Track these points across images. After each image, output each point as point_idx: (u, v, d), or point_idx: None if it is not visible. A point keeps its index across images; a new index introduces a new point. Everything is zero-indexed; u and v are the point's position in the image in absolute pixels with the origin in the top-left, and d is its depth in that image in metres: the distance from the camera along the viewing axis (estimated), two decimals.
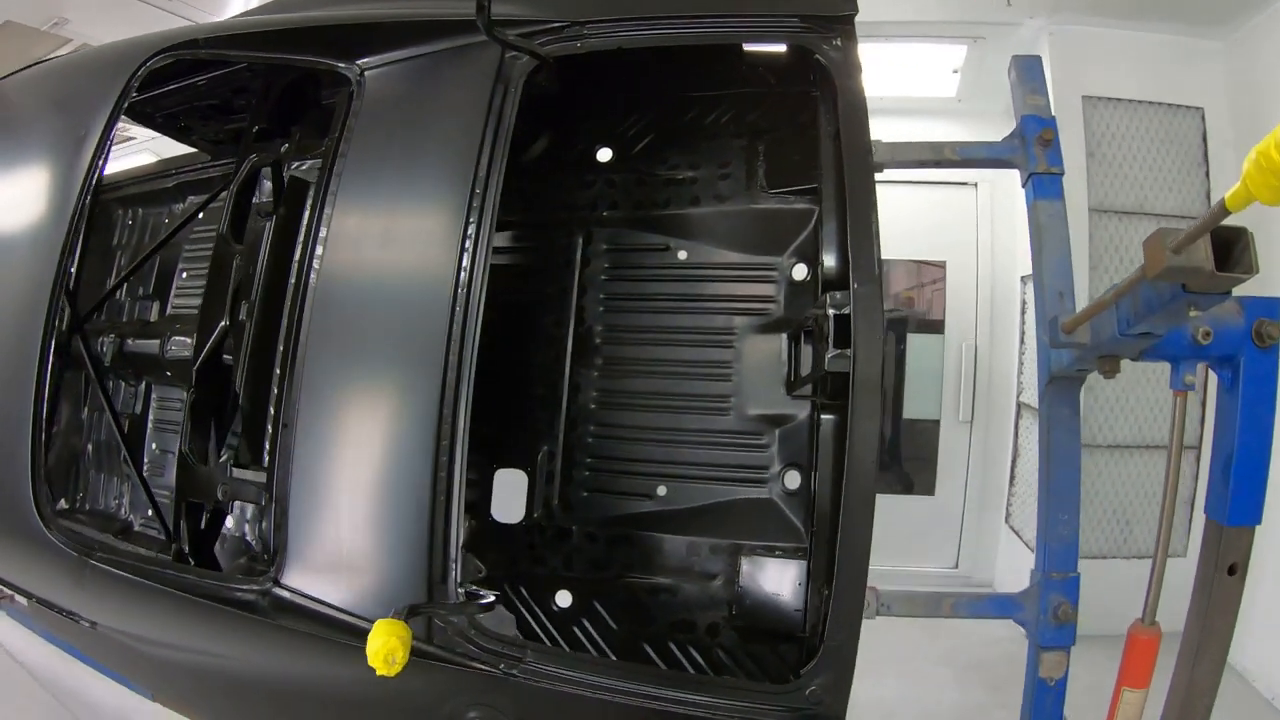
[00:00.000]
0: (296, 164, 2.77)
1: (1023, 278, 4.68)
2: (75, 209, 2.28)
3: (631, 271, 2.82)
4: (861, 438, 1.66)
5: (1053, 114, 2.12)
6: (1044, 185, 2.05)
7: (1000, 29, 4.25)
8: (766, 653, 2.39)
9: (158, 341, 3.08)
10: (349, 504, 1.88)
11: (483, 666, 1.67)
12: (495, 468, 2.82)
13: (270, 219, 2.62)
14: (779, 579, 2.41)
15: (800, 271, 2.60)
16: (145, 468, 3.21)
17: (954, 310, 5.03)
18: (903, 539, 4.93)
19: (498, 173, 1.90)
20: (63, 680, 3.92)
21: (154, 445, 3.28)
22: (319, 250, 2.01)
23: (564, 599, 2.62)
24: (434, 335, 1.82)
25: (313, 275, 1.99)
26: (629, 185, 2.86)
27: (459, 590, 1.73)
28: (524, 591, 2.66)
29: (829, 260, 2.10)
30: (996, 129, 2.31)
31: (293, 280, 2.10)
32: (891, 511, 5.07)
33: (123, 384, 3.57)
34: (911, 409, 5.12)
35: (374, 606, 1.71)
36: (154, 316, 3.49)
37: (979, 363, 4.99)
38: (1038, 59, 2.27)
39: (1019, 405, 4.74)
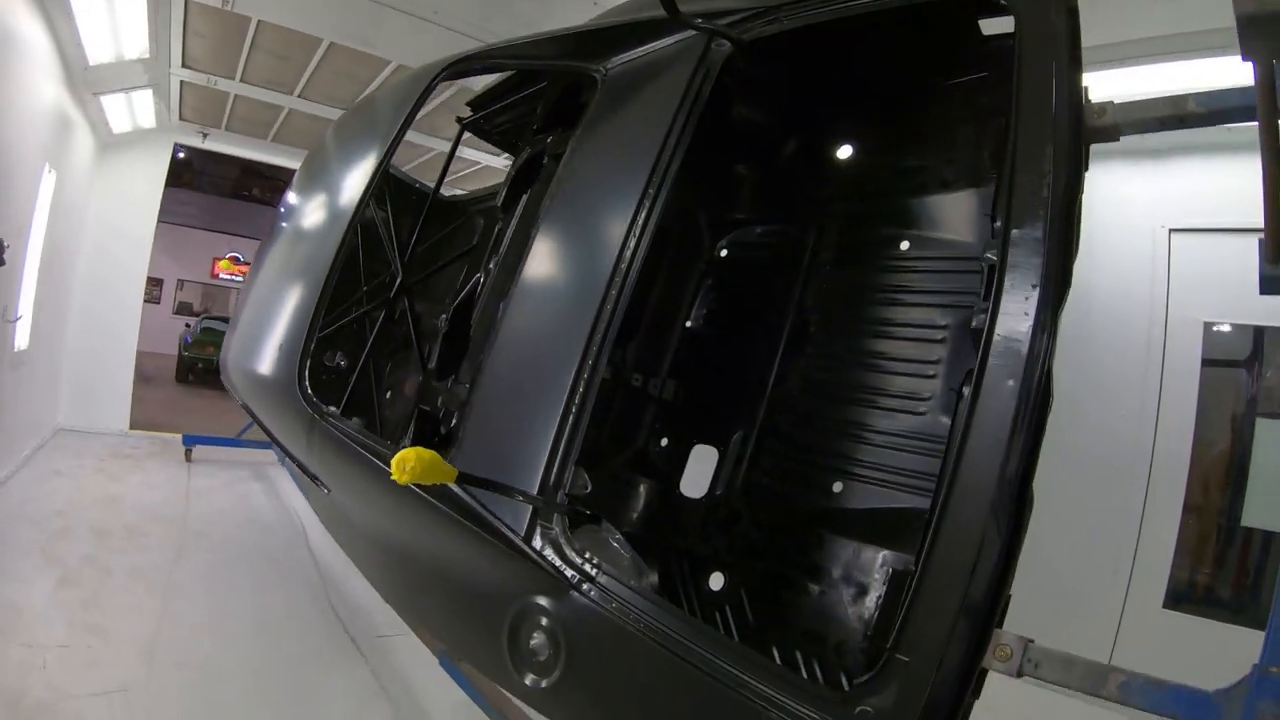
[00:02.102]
0: None
1: None
2: (367, 189, 3.14)
3: (855, 263, 2.79)
4: (987, 407, 1.47)
5: None
6: None
7: None
8: None
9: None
10: (505, 418, 2.20)
11: (556, 570, 1.84)
12: (695, 442, 2.92)
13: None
14: None
15: None
16: None
17: None
18: (1207, 677, 3.95)
19: (685, 142, 2.17)
20: (330, 564, 4.86)
21: None
22: (540, 219, 2.43)
23: (716, 581, 2.62)
24: (592, 294, 2.09)
25: (531, 240, 2.42)
26: (863, 180, 2.85)
27: (564, 497, 1.94)
28: (685, 566, 2.69)
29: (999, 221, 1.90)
30: None
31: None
32: (1201, 638, 4.07)
33: None
34: (1252, 514, 4.10)
35: (509, 508, 1.97)
36: None
37: None
38: None
39: None
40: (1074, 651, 4.06)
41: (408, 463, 1.68)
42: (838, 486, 2.52)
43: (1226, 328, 4.24)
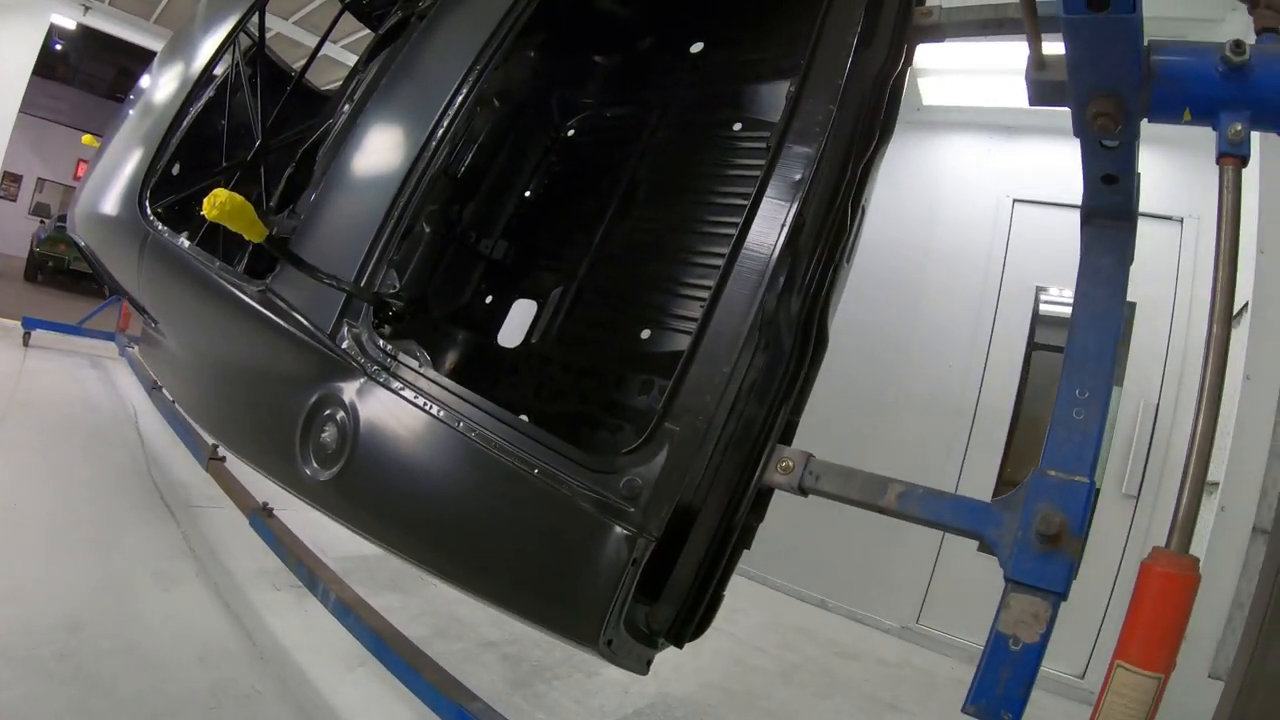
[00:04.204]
0: None
1: None
2: (233, 29, 3.42)
3: (689, 140, 3.05)
4: (770, 203, 1.67)
5: None
6: None
7: (1200, 25, 3.81)
8: None
9: None
10: (329, 230, 2.39)
11: (357, 362, 2.02)
12: (517, 297, 3.14)
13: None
14: None
15: None
16: None
17: (1137, 360, 4.50)
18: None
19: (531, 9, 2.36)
20: (157, 445, 4.85)
21: None
22: (390, 68, 2.65)
23: None
24: (425, 119, 2.28)
25: (380, 85, 2.64)
26: (709, 70, 3.13)
27: (373, 294, 2.12)
28: None
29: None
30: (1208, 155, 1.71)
31: None
32: None
33: None
34: None
35: (320, 313, 2.15)
36: None
37: (1158, 427, 4.40)
38: None
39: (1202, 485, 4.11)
40: (894, 587, 4.51)
41: (218, 198, 1.79)
42: (646, 333, 2.76)
43: (1058, 293, 4.74)
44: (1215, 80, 1.28)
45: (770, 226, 1.66)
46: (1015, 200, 4.85)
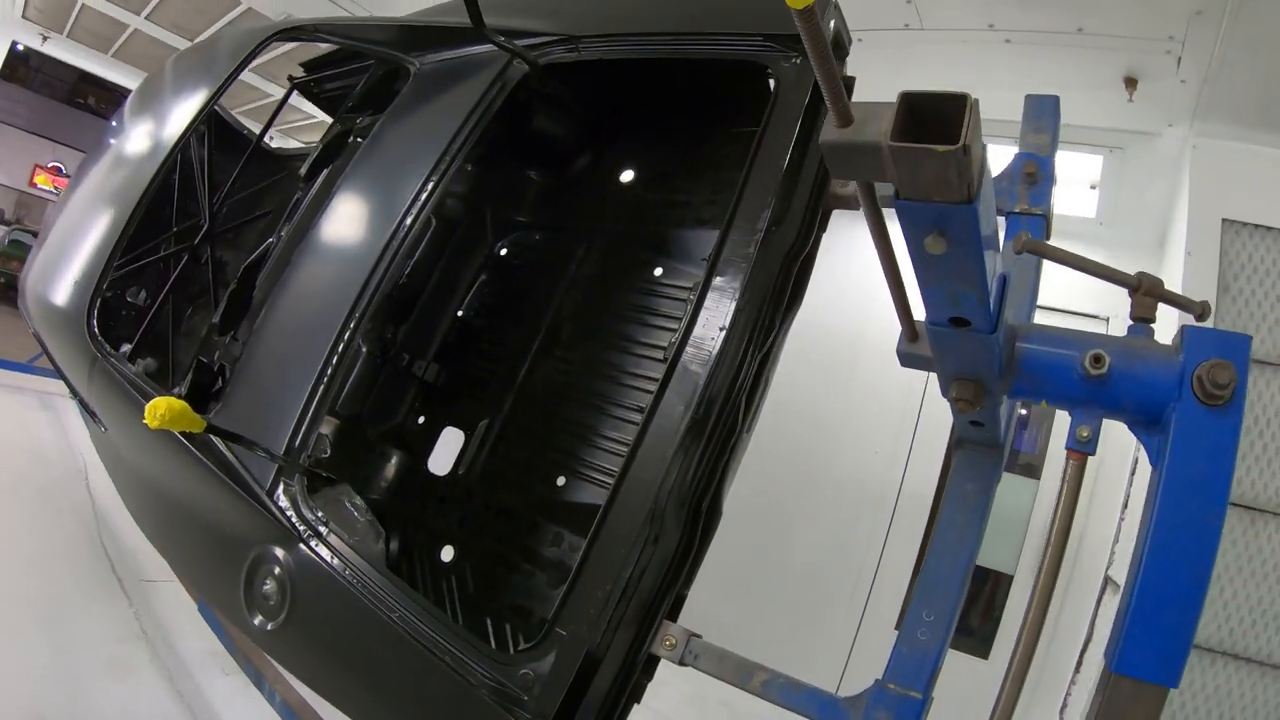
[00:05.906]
0: None
1: None
2: (185, 132, 3.47)
3: (613, 279, 3.27)
4: (664, 416, 1.86)
5: (1050, 154, 2.04)
6: (1020, 227, 1.94)
7: (1138, 138, 4.18)
8: None
9: None
10: (265, 381, 2.59)
11: (290, 524, 2.24)
12: (447, 424, 3.36)
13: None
14: None
15: None
16: None
17: (1056, 456, 4.85)
18: (935, 702, 4.78)
19: (467, 149, 2.58)
20: (107, 506, 5.06)
21: None
22: (330, 196, 2.84)
23: (447, 554, 3.05)
24: (356, 278, 2.47)
25: (319, 214, 2.81)
26: (638, 204, 3.35)
27: (305, 458, 2.34)
28: (422, 537, 3.13)
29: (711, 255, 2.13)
30: (1144, 259, 1.84)
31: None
32: None
33: None
34: (984, 555, 4.97)
35: (254, 463, 2.36)
36: None
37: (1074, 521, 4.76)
38: (1055, 98, 2.16)
39: (1105, 579, 4.47)
40: (813, 664, 4.87)
41: (158, 410, 1.99)
42: (561, 480, 2.98)
43: None
44: (1074, 383, 1.42)
45: (666, 434, 1.86)
46: None
